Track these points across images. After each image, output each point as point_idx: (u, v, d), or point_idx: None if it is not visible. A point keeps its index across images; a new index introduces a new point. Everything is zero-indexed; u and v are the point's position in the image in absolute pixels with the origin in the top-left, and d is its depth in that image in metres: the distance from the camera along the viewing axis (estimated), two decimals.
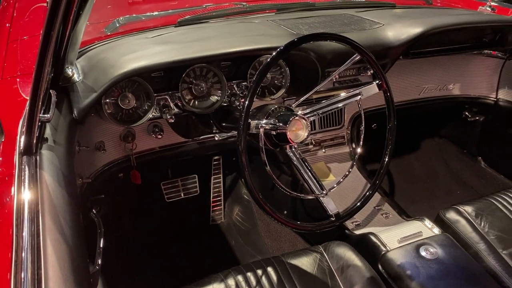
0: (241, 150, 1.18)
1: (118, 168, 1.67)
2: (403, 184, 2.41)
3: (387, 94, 1.44)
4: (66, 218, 0.88)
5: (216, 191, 2.24)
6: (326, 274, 1.30)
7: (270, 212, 1.24)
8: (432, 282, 1.25)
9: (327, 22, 1.81)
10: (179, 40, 1.55)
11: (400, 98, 2.14)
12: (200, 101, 1.56)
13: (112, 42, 1.60)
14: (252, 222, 2.14)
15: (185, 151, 1.76)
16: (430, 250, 1.36)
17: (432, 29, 1.69)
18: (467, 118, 2.40)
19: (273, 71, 1.66)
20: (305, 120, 1.31)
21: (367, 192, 1.46)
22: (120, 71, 1.32)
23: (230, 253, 2.06)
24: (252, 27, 1.73)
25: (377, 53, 1.54)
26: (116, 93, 1.45)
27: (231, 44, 1.49)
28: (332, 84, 1.79)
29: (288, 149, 1.38)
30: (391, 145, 1.48)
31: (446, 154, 2.60)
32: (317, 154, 2.05)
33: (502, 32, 2.00)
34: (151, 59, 1.37)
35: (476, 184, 2.38)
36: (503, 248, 1.40)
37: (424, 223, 1.55)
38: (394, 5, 2.13)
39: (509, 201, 1.56)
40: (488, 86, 2.24)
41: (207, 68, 1.52)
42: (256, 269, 1.31)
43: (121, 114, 1.48)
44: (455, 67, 2.18)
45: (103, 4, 1.96)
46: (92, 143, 1.56)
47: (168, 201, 2.16)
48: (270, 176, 1.28)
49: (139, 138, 1.65)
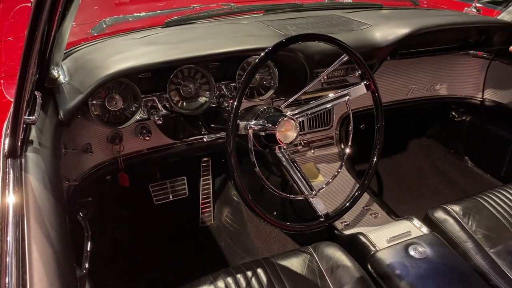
0: (230, 152, 1.18)
1: (105, 171, 1.65)
2: (391, 184, 2.42)
3: (375, 94, 1.45)
4: (52, 222, 0.87)
5: (205, 192, 2.23)
6: (316, 275, 1.30)
7: (260, 214, 1.24)
8: (421, 281, 1.26)
9: (315, 23, 1.81)
10: (166, 41, 1.54)
11: (388, 98, 2.16)
12: (188, 102, 1.55)
13: (99, 43, 1.59)
14: (242, 223, 2.13)
15: (173, 153, 1.74)
16: (418, 249, 1.36)
17: (419, 30, 1.71)
18: (454, 118, 2.42)
19: (262, 72, 1.66)
20: (294, 120, 1.30)
21: (356, 192, 1.47)
22: (107, 72, 1.30)
23: (220, 255, 2.05)
24: (240, 28, 1.73)
25: (364, 53, 1.54)
26: (103, 94, 1.44)
27: (219, 45, 1.48)
28: (320, 84, 1.79)
29: (277, 150, 1.37)
30: (379, 145, 1.48)
31: (433, 153, 2.62)
32: (306, 154, 2.05)
33: (488, 33, 2.03)
34: (138, 60, 1.36)
35: (463, 183, 2.40)
36: (490, 247, 1.41)
37: (412, 222, 1.56)
38: (381, 6, 2.14)
39: (495, 200, 1.57)
40: (474, 86, 2.27)
41: (195, 69, 1.51)
42: (246, 270, 1.30)
43: (108, 115, 1.46)
44: (442, 68, 2.20)
45: (90, 5, 1.95)
46: (78, 145, 1.54)
47: (156, 203, 2.14)
48: (259, 177, 1.27)
49: (127, 140, 1.63)
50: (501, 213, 1.52)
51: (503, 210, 1.53)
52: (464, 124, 2.42)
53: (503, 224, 1.49)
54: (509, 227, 1.48)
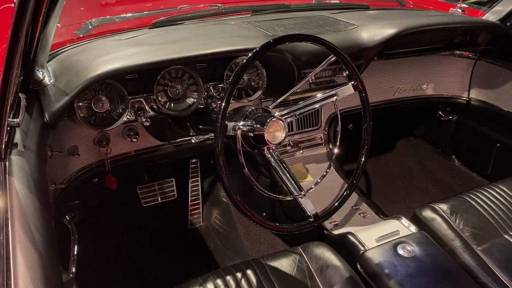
0: (218, 153, 1.17)
1: (92, 173, 1.63)
2: (379, 184, 2.44)
3: (363, 94, 1.46)
4: (37, 226, 0.85)
5: (194, 194, 2.22)
6: (306, 275, 1.30)
7: (249, 214, 1.23)
8: (409, 280, 1.26)
9: (302, 23, 1.82)
10: (153, 42, 1.53)
11: (376, 98, 2.17)
12: (176, 104, 1.54)
13: (85, 44, 1.57)
14: (231, 225, 2.12)
15: (161, 155, 1.73)
16: (407, 248, 1.37)
17: (405, 30, 1.72)
18: (441, 117, 2.45)
19: (250, 72, 1.66)
20: (282, 121, 1.30)
21: (344, 192, 1.47)
22: (93, 73, 1.29)
23: (209, 257, 2.05)
24: (227, 28, 1.73)
25: (352, 54, 1.55)
26: (89, 96, 1.42)
27: (206, 45, 1.47)
28: (308, 85, 1.80)
29: (265, 150, 1.37)
30: (367, 145, 1.49)
31: (421, 153, 2.64)
32: (295, 155, 2.05)
33: (473, 33, 2.06)
34: (124, 61, 1.35)
35: (451, 182, 2.43)
36: (477, 245, 1.43)
37: (401, 221, 1.56)
38: (368, 7, 2.15)
39: (482, 198, 1.59)
40: (460, 86, 2.29)
41: (182, 70, 1.50)
42: (235, 272, 1.30)
43: (95, 117, 1.45)
44: (428, 68, 2.22)
45: (75, 6, 1.93)
46: (65, 147, 1.52)
47: (145, 206, 2.12)
48: (248, 178, 1.27)
49: (114, 142, 1.62)
50: (487, 211, 1.54)
51: (489, 208, 1.55)
52: (451, 124, 2.44)
53: (490, 222, 1.50)
54: (495, 225, 1.50)
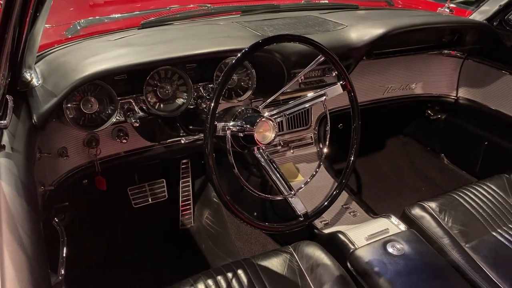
0: (208, 153, 1.17)
1: (82, 175, 1.62)
2: (369, 182, 2.46)
3: (351, 94, 1.46)
4: (25, 228, 0.85)
5: (185, 195, 2.22)
6: (296, 274, 1.31)
7: (238, 214, 1.24)
8: (399, 278, 1.27)
9: (291, 23, 1.82)
10: (142, 43, 1.52)
11: (365, 98, 2.18)
12: (166, 104, 1.53)
13: (73, 45, 1.56)
14: (222, 225, 2.12)
15: (151, 155, 1.73)
16: (396, 246, 1.38)
17: (394, 30, 1.73)
18: (430, 116, 2.47)
19: (239, 72, 1.66)
20: (272, 121, 1.31)
21: (334, 191, 1.48)
22: (81, 74, 1.28)
23: (201, 257, 2.04)
24: (217, 29, 1.73)
25: (341, 54, 1.56)
26: (78, 97, 1.41)
27: (195, 46, 1.47)
28: (298, 85, 1.80)
29: (255, 150, 1.37)
30: (356, 144, 1.50)
31: (410, 152, 2.66)
32: (285, 155, 2.06)
33: (460, 32, 2.08)
34: (113, 62, 1.34)
35: (440, 180, 2.45)
36: (465, 242, 1.44)
37: (390, 220, 1.57)
38: (357, 7, 2.17)
39: (470, 195, 1.61)
40: (448, 85, 2.31)
41: (172, 71, 1.50)
42: (226, 272, 1.30)
43: (84, 118, 1.44)
44: (417, 67, 2.24)
45: (64, 7, 1.91)
46: (54, 149, 1.51)
47: (135, 207, 2.12)
48: (238, 178, 1.27)
49: (104, 143, 1.61)
50: (475, 208, 1.56)
51: (477, 206, 1.57)
52: (440, 122, 2.46)
53: (478, 220, 1.52)
54: (483, 222, 1.51)
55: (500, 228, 1.50)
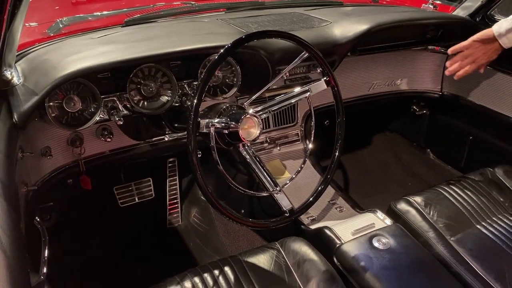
0: (191, 150, 1.17)
1: (66, 174, 1.60)
2: (356, 178, 2.47)
3: (335, 89, 1.47)
4: (4, 228, 0.83)
5: (173, 193, 2.21)
6: (283, 270, 1.31)
7: (222, 210, 1.23)
8: (385, 272, 1.28)
9: (276, 20, 1.82)
10: (125, 40, 1.51)
11: (351, 94, 2.19)
12: (150, 102, 1.52)
13: (55, 44, 1.54)
14: (210, 223, 2.12)
15: (137, 154, 1.71)
16: (382, 240, 1.39)
17: (377, 26, 1.74)
18: (415, 112, 2.49)
19: (224, 69, 1.65)
20: (256, 117, 1.31)
21: (319, 187, 1.48)
22: (63, 72, 1.27)
23: (189, 256, 2.04)
24: (201, 26, 1.72)
25: (325, 50, 1.56)
26: (60, 95, 1.40)
27: (179, 43, 1.47)
28: (283, 82, 1.80)
29: (241, 147, 1.37)
30: (340, 140, 1.51)
31: (397, 147, 2.68)
32: (272, 152, 2.05)
33: (444, 28, 2.09)
34: (95, 59, 1.33)
35: (426, 175, 2.47)
36: (450, 235, 1.45)
37: (376, 214, 1.58)
38: (342, 4, 2.18)
39: (455, 189, 1.62)
40: (433, 81, 2.33)
41: (155, 68, 1.49)
42: (213, 269, 1.30)
43: (67, 117, 1.42)
44: (402, 63, 2.25)
45: (45, 4, 1.89)
46: (37, 148, 1.49)
47: (122, 206, 2.10)
48: (222, 175, 1.27)
49: (88, 142, 1.59)
50: (460, 202, 1.57)
51: (462, 200, 1.58)
52: (425, 118, 2.48)
53: (463, 213, 1.54)
54: (468, 216, 1.53)
55: (484, 221, 1.52)
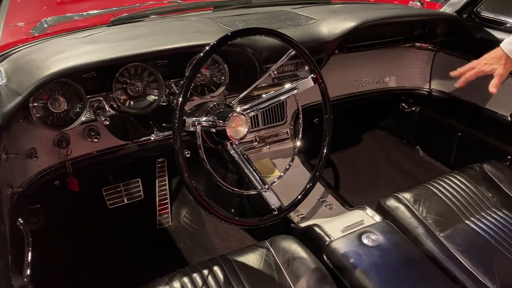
0: (177, 150, 1.16)
1: (53, 176, 1.58)
2: (346, 176, 2.47)
3: (322, 86, 1.46)
4: None
5: (162, 194, 2.19)
6: (273, 269, 1.30)
7: (209, 208, 1.22)
8: (374, 269, 1.28)
9: (263, 18, 1.82)
10: (111, 39, 1.50)
11: (340, 92, 2.19)
12: (136, 102, 1.51)
13: (39, 44, 1.53)
14: (200, 223, 2.11)
15: (125, 154, 1.70)
16: (371, 237, 1.39)
17: (364, 23, 1.74)
18: (404, 109, 2.50)
19: (212, 68, 1.64)
20: (244, 115, 1.30)
21: (307, 184, 1.48)
22: (46, 72, 1.25)
23: (179, 256, 2.02)
24: (187, 24, 1.71)
25: (312, 48, 1.56)
26: (45, 96, 1.38)
27: (165, 41, 1.45)
28: (271, 80, 1.80)
29: (229, 146, 1.36)
30: (328, 137, 1.50)
31: (386, 145, 2.69)
32: (262, 150, 2.05)
33: (431, 25, 2.10)
34: (80, 59, 1.31)
35: (416, 172, 2.48)
36: (440, 231, 1.46)
37: (365, 211, 1.58)
38: (329, 1, 2.18)
39: (444, 186, 1.63)
40: (421, 78, 2.34)
41: (142, 67, 1.47)
42: (202, 269, 1.29)
43: (52, 118, 1.40)
44: (390, 60, 2.26)
45: (29, 4, 1.87)
46: (22, 150, 1.47)
47: (110, 207, 2.08)
48: (210, 174, 1.26)
49: (74, 143, 1.58)
50: (449, 198, 1.58)
51: (451, 196, 1.59)
52: (414, 115, 2.49)
53: (452, 209, 1.54)
54: (457, 212, 1.53)
55: (473, 217, 1.52)
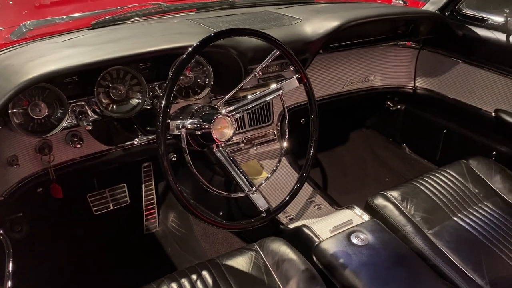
0: (161, 153, 1.13)
1: (35, 183, 1.55)
2: (334, 176, 2.47)
3: (307, 86, 1.46)
4: None
5: (149, 198, 2.16)
6: (262, 271, 1.29)
7: (196, 213, 1.20)
8: (364, 268, 1.28)
9: (247, 19, 1.80)
10: (91, 43, 1.47)
11: (326, 92, 2.19)
12: (119, 105, 1.48)
13: (19, 48, 1.49)
14: (188, 227, 2.08)
15: (109, 160, 1.67)
16: (360, 236, 1.38)
17: (348, 22, 1.74)
18: (390, 107, 2.51)
19: (196, 70, 1.62)
20: (229, 117, 1.28)
21: (295, 185, 1.47)
22: (25, 77, 1.22)
23: (168, 262, 2.00)
24: (170, 26, 1.69)
25: (297, 48, 1.55)
26: (25, 101, 1.34)
27: (147, 44, 1.43)
28: (257, 81, 1.79)
29: (215, 148, 1.35)
30: (315, 137, 1.49)
31: (373, 143, 2.70)
32: (249, 152, 2.04)
33: (414, 23, 2.11)
34: (60, 63, 1.28)
35: (403, 170, 2.49)
36: (428, 228, 1.46)
37: (354, 211, 1.58)
38: (313, 1, 2.18)
39: (431, 183, 1.63)
40: (406, 76, 2.35)
41: (124, 70, 1.45)
42: (190, 274, 1.27)
43: (33, 124, 1.37)
44: (375, 59, 2.27)
45: (8, 8, 1.83)
46: (2, 158, 1.43)
47: (96, 214, 2.05)
48: (196, 177, 1.24)
49: (57, 149, 1.54)
50: (436, 195, 1.58)
51: (438, 193, 1.59)
52: (400, 113, 2.50)
53: (439, 206, 1.55)
54: (444, 208, 1.54)
55: (460, 213, 1.53)
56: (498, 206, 1.55)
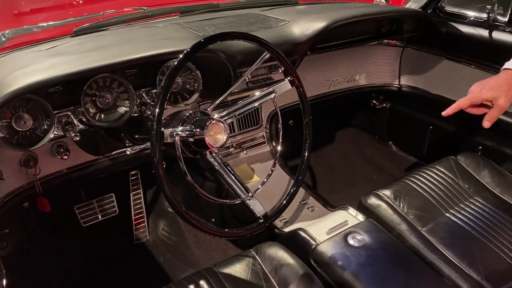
0: (156, 162, 1.10)
1: (21, 197, 1.50)
2: (323, 176, 2.47)
3: (300, 89, 1.45)
4: None
5: (138, 208, 2.12)
6: (261, 278, 1.27)
7: (196, 224, 1.17)
8: (362, 269, 1.27)
9: (233, 22, 1.79)
10: (75, 51, 1.42)
11: (312, 92, 2.19)
12: (107, 114, 1.44)
13: None
14: (180, 235, 2.05)
15: (97, 170, 1.63)
16: (357, 237, 1.38)
17: (335, 22, 1.73)
18: (375, 106, 2.52)
19: (184, 75, 1.60)
20: (222, 123, 1.26)
21: (291, 189, 1.46)
22: (8, 89, 1.17)
23: (160, 271, 1.96)
24: (155, 31, 1.66)
25: (285, 50, 1.54)
26: (8, 114, 1.29)
27: (133, 50, 1.39)
28: (246, 84, 1.77)
29: (208, 154, 1.32)
30: (309, 140, 1.48)
31: (360, 142, 2.71)
32: (239, 156, 2.02)
33: (398, 21, 2.13)
34: (44, 73, 1.23)
35: (390, 168, 2.51)
36: (422, 226, 1.47)
37: (348, 211, 1.58)
38: (297, 2, 2.17)
39: (422, 180, 1.64)
40: (391, 74, 2.37)
41: (110, 78, 1.41)
42: (188, 284, 1.24)
43: (17, 137, 1.32)
44: (359, 59, 2.28)
45: None
46: None
47: (84, 226, 1.99)
48: (192, 186, 1.21)
49: (43, 161, 1.49)
50: (428, 192, 1.59)
51: (430, 189, 1.60)
52: (385, 111, 2.52)
53: (431, 202, 1.56)
54: (437, 205, 1.55)
55: (452, 209, 1.54)
56: (488, 201, 1.57)
